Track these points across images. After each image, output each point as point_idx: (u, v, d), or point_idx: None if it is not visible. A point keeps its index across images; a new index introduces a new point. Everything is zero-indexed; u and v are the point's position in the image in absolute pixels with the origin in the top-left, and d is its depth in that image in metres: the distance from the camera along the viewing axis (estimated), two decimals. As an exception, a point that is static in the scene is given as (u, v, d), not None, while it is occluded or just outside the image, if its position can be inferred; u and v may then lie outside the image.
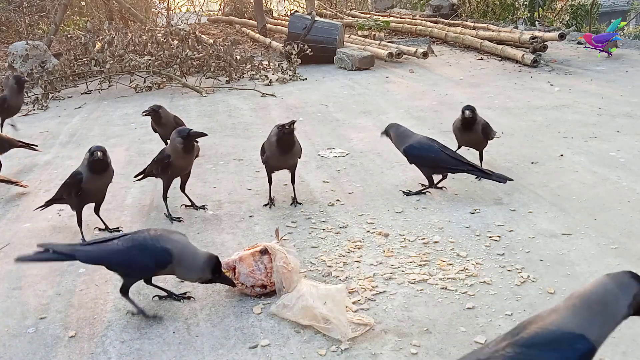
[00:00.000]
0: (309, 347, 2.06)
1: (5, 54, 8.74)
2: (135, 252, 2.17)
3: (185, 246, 2.24)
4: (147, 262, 2.18)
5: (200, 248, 2.82)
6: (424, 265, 2.59)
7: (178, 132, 3.05)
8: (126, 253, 2.18)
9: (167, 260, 2.18)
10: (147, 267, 2.21)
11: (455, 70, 7.47)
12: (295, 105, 5.87)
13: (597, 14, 13.84)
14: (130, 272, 2.24)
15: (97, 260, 2.24)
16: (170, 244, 2.20)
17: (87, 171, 2.88)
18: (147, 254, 2.17)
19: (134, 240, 2.20)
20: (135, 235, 2.24)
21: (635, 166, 3.71)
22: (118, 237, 2.24)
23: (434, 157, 3.28)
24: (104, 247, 2.21)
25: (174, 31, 8.11)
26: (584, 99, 5.56)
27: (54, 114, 6.07)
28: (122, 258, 2.19)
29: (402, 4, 15.67)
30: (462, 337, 2.08)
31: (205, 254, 2.25)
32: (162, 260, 2.18)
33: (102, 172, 2.91)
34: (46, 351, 2.12)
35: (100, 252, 2.20)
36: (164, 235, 2.23)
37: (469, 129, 3.50)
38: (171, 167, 3.12)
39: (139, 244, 2.19)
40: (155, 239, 2.20)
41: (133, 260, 2.18)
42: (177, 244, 2.21)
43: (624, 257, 2.59)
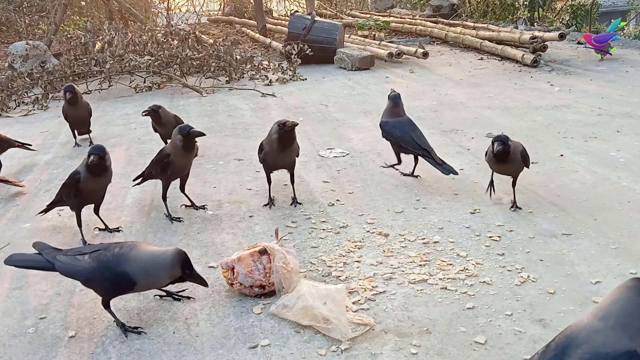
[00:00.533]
0: (309, 347, 2.06)
1: (5, 54, 8.74)
2: (97, 274, 2.12)
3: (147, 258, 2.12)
4: (107, 286, 2.13)
5: (200, 248, 2.84)
6: (424, 265, 2.59)
7: (179, 129, 3.05)
8: (89, 273, 2.13)
9: (129, 284, 2.10)
10: (109, 291, 2.15)
11: (455, 70, 7.47)
12: (295, 105, 5.87)
13: (597, 14, 13.83)
14: (98, 292, 2.21)
15: (69, 275, 2.20)
16: (131, 265, 2.08)
17: (85, 172, 2.84)
18: (108, 277, 2.10)
19: (100, 260, 2.12)
20: (102, 255, 2.13)
21: (635, 166, 3.71)
22: (90, 252, 2.16)
23: (399, 137, 3.59)
24: (75, 262, 2.15)
25: (174, 31, 8.11)
26: (584, 99, 5.56)
27: (54, 114, 6.06)
28: (86, 278, 2.16)
29: (402, 4, 15.66)
30: (462, 337, 2.08)
31: (169, 253, 2.13)
32: (125, 284, 2.10)
33: (100, 175, 2.87)
34: (46, 351, 2.12)
35: (71, 267, 2.16)
36: (126, 254, 2.11)
37: (504, 161, 3.05)
38: (171, 166, 3.11)
39: (102, 266, 2.11)
40: (115, 261, 2.09)
41: (96, 282, 2.15)
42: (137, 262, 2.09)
43: (624, 257, 2.59)
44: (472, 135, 4.56)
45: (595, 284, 2.39)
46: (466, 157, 4.03)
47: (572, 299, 2.28)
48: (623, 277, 2.42)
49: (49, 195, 3.65)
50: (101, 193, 2.99)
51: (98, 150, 2.78)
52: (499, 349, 2.02)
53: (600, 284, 2.38)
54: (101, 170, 2.84)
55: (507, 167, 3.10)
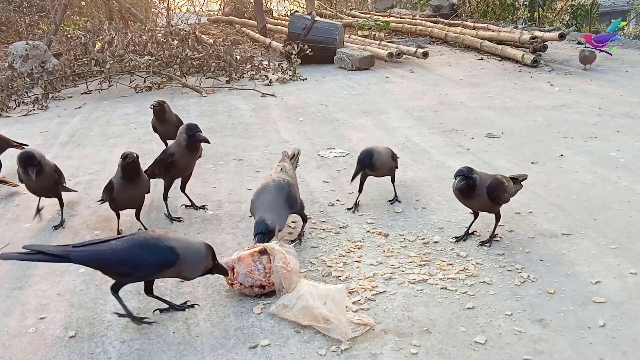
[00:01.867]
0: (309, 347, 2.06)
1: (5, 54, 8.74)
2: (137, 252, 2.10)
3: (187, 242, 2.21)
4: (151, 261, 2.10)
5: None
6: (424, 265, 2.59)
7: (186, 127, 3.07)
8: (127, 252, 2.09)
9: (173, 258, 2.11)
10: (151, 266, 2.12)
11: (455, 70, 7.47)
12: (295, 105, 5.87)
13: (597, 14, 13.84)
14: (132, 273, 2.14)
15: (94, 261, 2.12)
16: (174, 242, 2.15)
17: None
18: (151, 252, 2.10)
19: (134, 239, 2.13)
20: (135, 236, 2.18)
21: (635, 166, 3.71)
22: (114, 238, 2.16)
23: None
24: (101, 247, 2.11)
25: (174, 31, 8.11)
26: (584, 99, 5.56)
27: (54, 114, 6.07)
28: (121, 257, 2.09)
29: (402, 4, 15.67)
30: (462, 337, 2.08)
31: (201, 243, 2.23)
32: (168, 259, 2.11)
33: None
34: (46, 351, 2.12)
35: (96, 253, 2.10)
36: (164, 235, 2.19)
37: (469, 196, 2.72)
38: (174, 166, 3.12)
39: (140, 243, 2.12)
40: (157, 238, 2.15)
41: (135, 259, 2.10)
42: (179, 242, 2.17)
43: (624, 257, 2.59)
44: (472, 135, 4.56)
45: (595, 284, 2.38)
46: (466, 157, 4.03)
47: (572, 299, 2.28)
48: (623, 277, 2.42)
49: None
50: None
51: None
52: (499, 349, 2.02)
53: (600, 284, 2.38)
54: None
55: (472, 203, 2.76)
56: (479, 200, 2.69)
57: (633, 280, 2.40)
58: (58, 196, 3.20)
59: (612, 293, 2.31)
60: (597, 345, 2.01)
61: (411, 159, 4.02)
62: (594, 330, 2.09)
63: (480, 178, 2.65)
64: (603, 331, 2.08)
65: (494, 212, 2.78)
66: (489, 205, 2.72)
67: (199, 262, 2.20)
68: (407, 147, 4.28)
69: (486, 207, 2.75)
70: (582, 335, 2.07)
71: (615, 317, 2.16)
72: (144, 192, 3.02)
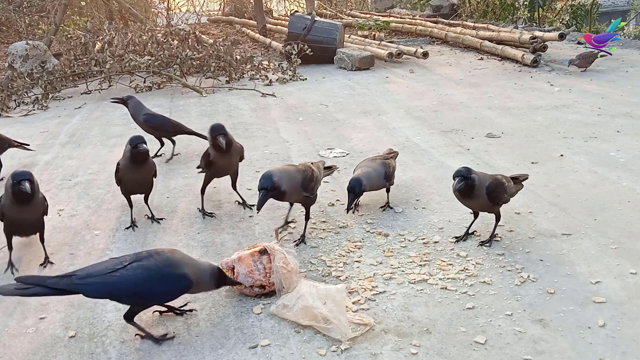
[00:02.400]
0: (309, 347, 2.06)
1: (5, 54, 8.74)
2: (153, 283, 2.03)
3: (197, 267, 2.17)
4: (167, 290, 2.07)
5: (200, 248, 2.84)
6: (424, 265, 2.59)
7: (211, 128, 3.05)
8: (142, 284, 2.02)
9: (188, 285, 2.11)
10: (167, 295, 2.11)
11: (455, 70, 7.47)
12: (295, 105, 5.87)
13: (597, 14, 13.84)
14: (148, 303, 2.13)
15: (108, 294, 2.05)
16: (186, 268, 2.10)
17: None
18: (167, 282, 2.05)
19: (147, 268, 2.04)
20: (145, 263, 2.06)
21: (635, 166, 3.71)
22: (121, 266, 2.04)
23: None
24: (112, 278, 2.00)
25: (174, 31, 8.12)
26: (584, 99, 5.56)
27: (54, 114, 6.07)
28: (137, 290, 2.03)
29: (402, 4, 15.67)
30: (462, 337, 2.08)
31: (208, 267, 2.20)
32: (184, 287, 2.11)
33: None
34: (46, 351, 2.12)
35: (110, 285, 2.00)
36: (173, 257, 2.11)
37: (469, 197, 2.72)
38: (213, 164, 3.17)
39: (155, 272, 2.04)
40: (169, 264, 2.08)
41: (151, 291, 2.05)
42: (191, 267, 2.12)
43: (624, 257, 2.59)
44: (472, 135, 4.56)
45: (595, 284, 2.38)
46: (466, 157, 4.03)
47: (572, 299, 2.28)
48: (623, 277, 2.42)
49: (49, 195, 3.65)
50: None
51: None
52: (499, 349, 2.02)
53: (600, 284, 2.38)
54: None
55: (472, 203, 2.75)
56: (478, 200, 2.69)
57: (633, 280, 2.40)
58: (41, 230, 2.80)
59: (612, 293, 2.31)
60: (597, 345, 2.01)
61: (411, 159, 4.02)
62: (594, 330, 2.09)
63: (479, 178, 2.64)
64: (603, 331, 2.08)
65: (494, 212, 2.77)
66: (488, 205, 2.71)
67: (208, 286, 2.22)
68: (407, 147, 4.28)
69: (486, 207, 2.74)
70: (582, 335, 2.07)
71: (615, 317, 2.16)
72: (151, 176, 3.08)
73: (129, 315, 2.12)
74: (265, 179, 2.55)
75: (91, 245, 2.92)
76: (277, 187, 2.55)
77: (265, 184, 2.54)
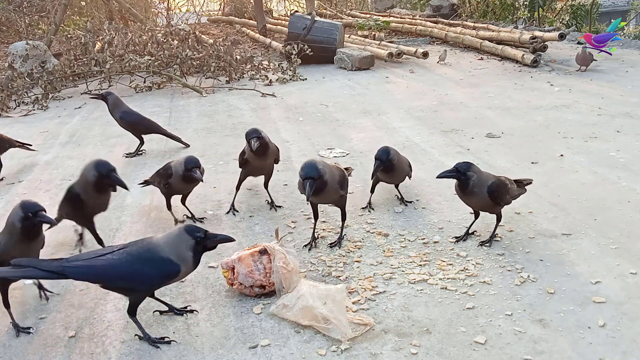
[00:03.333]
0: (309, 347, 2.06)
1: (5, 54, 8.74)
2: (137, 266, 2.02)
3: (177, 245, 2.07)
4: (153, 274, 2.05)
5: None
6: (424, 265, 2.59)
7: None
8: (126, 267, 2.01)
9: (174, 270, 2.05)
10: (153, 280, 2.08)
11: (455, 70, 7.47)
12: (295, 105, 5.87)
13: (597, 14, 13.84)
14: (135, 288, 2.10)
15: (93, 277, 2.06)
16: (170, 251, 2.04)
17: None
18: (150, 265, 2.03)
19: (131, 254, 2.04)
20: (130, 249, 2.06)
21: (635, 166, 3.71)
22: (109, 252, 2.06)
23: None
24: (98, 261, 2.03)
25: (174, 31, 8.12)
26: (584, 99, 5.56)
27: (54, 114, 6.07)
28: (122, 273, 2.02)
29: (402, 4, 15.68)
30: (462, 337, 2.08)
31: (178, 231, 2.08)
32: (169, 271, 2.05)
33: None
34: (46, 351, 2.12)
35: (95, 268, 2.02)
36: (157, 244, 2.07)
37: (465, 192, 2.70)
38: (247, 163, 3.21)
39: (138, 256, 2.03)
40: (152, 249, 2.05)
41: (136, 274, 2.03)
42: (174, 249, 2.06)
43: (624, 257, 2.59)
44: (472, 135, 4.56)
45: (595, 284, 2.38)
46: (466, 157, 4.02)
47: (572, 299, 2.28)
48: (623, 277, 2.42)
49: (49, 195, 3.65)
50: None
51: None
52: (499, 349, 2.02)
53: (600, 284, 2.38)
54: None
55: (472, 201, 2.74)
56: (478, 199, 2.69)
57: (633, 280, 2.40)
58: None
59: (612, 293, 2.31)
60: (597, 345, 2.01)
61: (411, 159, 3.99)
62: (594, 330, 2.09)
63: (479, 176, 2.65)
64: (603, 331, 2.08)
65: (495, 212, 2.77)
66: (489, 205, 2.71)
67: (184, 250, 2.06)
68: (407, 147, 4.28)
69: (487, 206, 2.74)
70: (582, 335, 2.07)
71: (615, 317, 2.16)
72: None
73: (130, 310, 2.13)
74: (310, 167, 2.44)
75: (91, 246, 2.92)
76: (322, 175, 2.47)
77: (311, 172, 2.43)
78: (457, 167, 2.65)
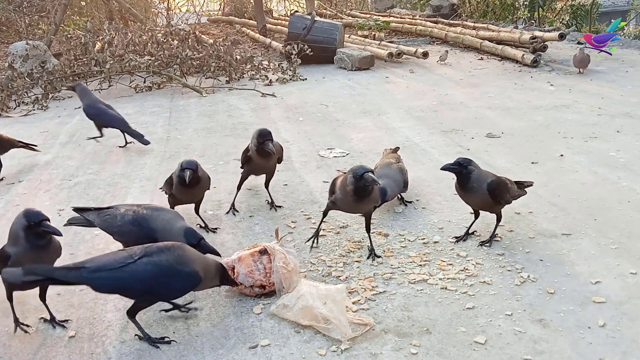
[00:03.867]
0: (309, 347, 2.06)
1: (5, 54, 8.74)
2: (165, 279, 2.00)
3: (204, 262, 2.15)
4: (178, 287, 2.06)
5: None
6: (424, 265, 2.59)
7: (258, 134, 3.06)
8: (153, 280, 2.00)
9: (197, 283, 2.09)
10: (177, 293, 2.10)
11: (455, 70, 7.47)
12: (295, 105, 5.87)
13: (597, 14, 13.84)
14: (156, 299, 2.12)
15: (119, 290, 2.03)
16: (196, 264, 2.08)
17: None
18: (178, 279, 2.02)
19: (158, 265, 2.00)
20: (155, 258, 2.02)
21: (635, 166, 3.71)
22: (131, 259, 2.01)
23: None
24: (123, 273, 1.97)
25: (174, 31, 8.12)
26: (584, 99, 5.56)
27: (54, 114, 6.07)
28: (149, 286, 2.01)
29: (402, 4, 15.67)
30: (462, 337, 2.08)
31: (213, 263, 2.20)
32: (193, 284, 2.09)
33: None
34: (46, 351, 2.12)
35: (120, 280, 1.98)
36: (183, 253, 2.08)
37: (465, 189, 2.71)
38: (251, 162, 3.20)
39: (167, 269, 2.00)
40: (181, 261, 2.05)
41: (163, 287, 2.02)
42: (200, 263, 2.10)
43: (624, 257, 2.59)
44: (472, 135, 4.56)
45: (595, 284, 2.38)
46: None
47: (572, 299, 2.28)
48: (623, 277, 2.42)
49: (49, 195, 3.65)
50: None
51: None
52: (499, 349, 2.02)
53: (600, 284, 2.38)
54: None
55: (471, 199, 2.73)
56: (478, 195, 2.68)
57: (633, 280, 2.40)
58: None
59: (612, 293, 2.31)
60: (597, 345, 2.01)
61: (411, 159, 4.01)
62: (594, 330, 2.09)
63: (479, 173, 2.66)
64: (603, 331, 2.08)
65: (495, 212, 2.77)
66: (489, 203, 2.70)
67: (213, 282, 2.21)
68: (407, 147, 4.28)
69: (487, 204, 2.73)
70: (582, 335, 2.07)
71: (615, 317, 2.16)
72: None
73: (132, 311, 2.11)
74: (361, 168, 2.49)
75: (91, 245, 2.92)
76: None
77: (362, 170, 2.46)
78: (459, 161, 2.68)
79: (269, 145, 3.03)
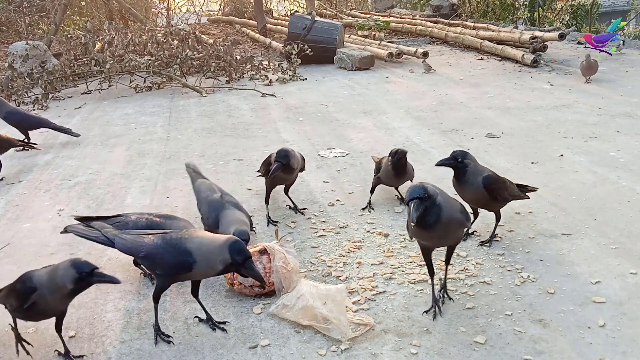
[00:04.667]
0: (309, 347, 2.06)
1: (5, 54, 8.74)
2: (159, 251, 2.13)
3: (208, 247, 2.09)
4: (168, 261, 2.10)
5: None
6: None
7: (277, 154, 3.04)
8: (151, 250, 2.14)
9: (188, 262, 2.06)
10: (168, 266, 2.11)
11: (455, 70, 7.47)
12: (295, 105, 5.87)
13: (597, 14, 13.85)
14: (155, 270, 2.21)
15: (129, 251, 2.23)
16: (193, 245, 2.08)
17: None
18: (169, 254, 2.10)
19: (163, 238, 2.16)
20: (167, 235, 2.19)
21: (635, 166, 3.71)
22: (154, 234, 2.22)
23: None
24: (139, 240, 2.20)
25: (174, 31, 8.12)
26: (584, 99, 5.56)
27: (54, 114, 6.06)
28: (147, 253, 2.16)
29: (402, 4, 15.68)
30: (462, 337, 2.08)
31: (225, 237, 2.12)
32: (183, 262, 2.07)
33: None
34: (46, 351, 2.12)
35: (132, 243, 2.20)
36: (186, 237, 2.14)
37: (461, 182, 2.65)
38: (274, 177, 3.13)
39: (164, 243, 2.14)
40: (179, 240, 2.12)
41: (155, 258, 2.13)
42: (201, 247, 2.09)
43: (624, 257, 2.59)
44: (472, 135, 4.56)
45: (595, 284, 2.38)
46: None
47: (572, 299, 2.28)
48: (623, 277, 2.42)
49: (49, 195, 3.65)
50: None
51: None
52: (499, 349, 2.02)
53: (600, 284, 2.38)
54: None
55: (466, 193, 2.67)
56: (473, 190, 2.62)
57: (633, 280, 2.40)
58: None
59: (612, 293, 2.31)
60: (597, 345, 2.01)
61: (411, 159, 3.99)
62: (594, 330, 2.09)
63: (475, 166, 2.62)
64: (603, 331, 2.08)
65: (493, 210, 2.76)
66: (485, 198, 2.64)
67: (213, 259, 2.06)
68: (407, 147, 4.27)
69: (483, 200, 2.67)
70: (582, 335, 2.07)
71: (615, 317, 2.16)
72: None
73: (155, 295, 2.17)
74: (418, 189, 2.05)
75: (91, 245, 2.92)
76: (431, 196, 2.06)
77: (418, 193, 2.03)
78: (454, 155, 2.62)
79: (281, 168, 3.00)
